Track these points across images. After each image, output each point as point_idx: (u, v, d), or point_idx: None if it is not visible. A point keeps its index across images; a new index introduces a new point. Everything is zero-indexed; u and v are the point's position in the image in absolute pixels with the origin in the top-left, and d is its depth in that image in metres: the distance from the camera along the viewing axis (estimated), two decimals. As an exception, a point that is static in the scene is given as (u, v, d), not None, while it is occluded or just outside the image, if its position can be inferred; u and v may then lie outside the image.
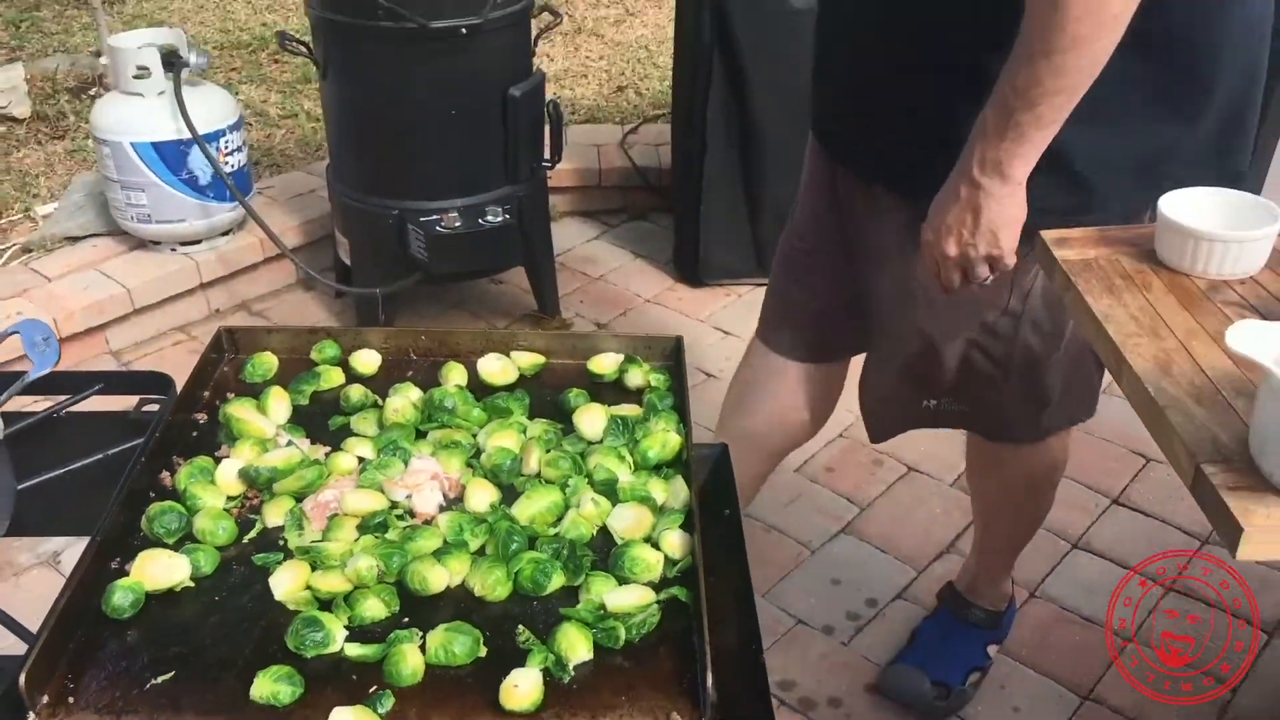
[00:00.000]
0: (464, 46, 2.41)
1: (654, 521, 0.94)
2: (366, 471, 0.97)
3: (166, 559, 0.88)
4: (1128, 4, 1.04)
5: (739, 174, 2.93)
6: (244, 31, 4.25)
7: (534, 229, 2.70)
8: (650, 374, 1.12)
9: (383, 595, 0.86)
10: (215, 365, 1.13)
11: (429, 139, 2.49)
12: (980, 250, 1.22)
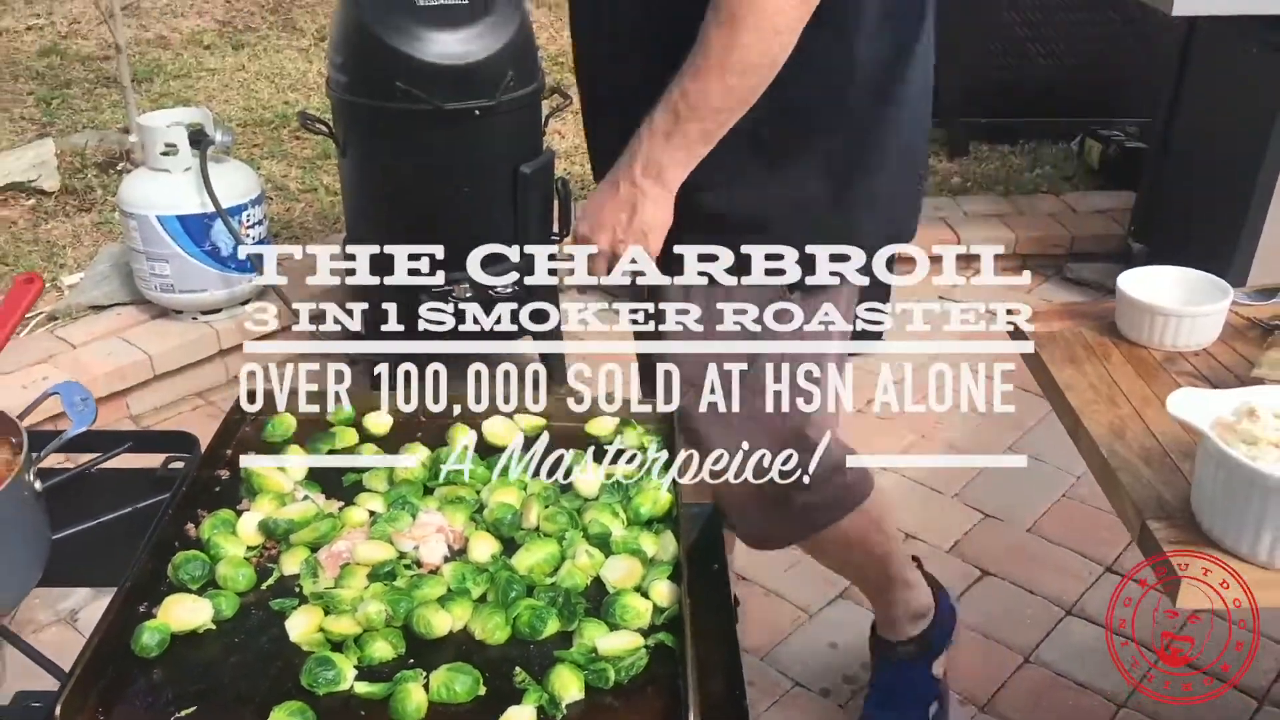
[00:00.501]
0: (477, 127, 2.53)
1: (644, 573, 1.01)
2: (377, 524, 1.05)
3: (191, 603, 0.95)
4: (788, 38, 1.12)
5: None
6: (266, 110, 4.41)
7: (544, 303, 2.78)
8: (644, 436, 1.19)
9: (390, 638, 0.93)
10: (238, 425, 1.21)
11: (442, 213, 2.59)
12: (628, 248, 1.28)
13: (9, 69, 4.76)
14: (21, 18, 5.34)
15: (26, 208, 3.62)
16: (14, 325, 1.13)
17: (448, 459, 1.12)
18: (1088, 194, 3.87)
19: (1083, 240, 3.58)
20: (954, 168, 4.10)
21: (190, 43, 5.14)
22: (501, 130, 2.57)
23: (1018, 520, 2.55)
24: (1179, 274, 1.15)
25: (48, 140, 3.92)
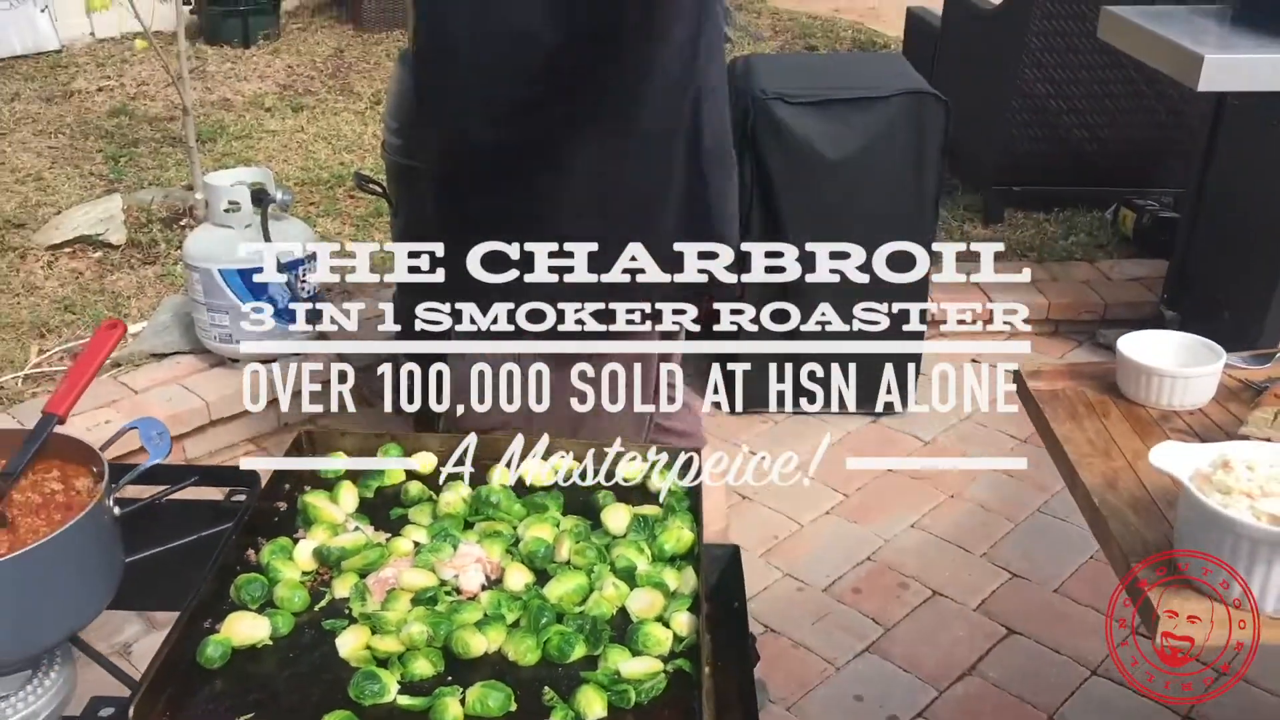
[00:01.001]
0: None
1: (665, 604, 1.09)
2: (421, 554, 1.14)
3: (251, 620, 1.05)
4: None
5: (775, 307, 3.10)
6: (324, 170, 4.59)
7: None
8: (669, 477, 1.28)
9: (431, 657, 1.02)
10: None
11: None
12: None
13: (80, 128, 4.99)
14: (93, 80, 5.60)
15: (94, 260, 3.79)
16: (97, 367, 1.25)
17: (487, 496, 1.21)
18: (1121, 262, 3.92)
19: (1115, 307, 3.63)
20: (988, 234, 4.17)
21: (252, 105, 5.36)
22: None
23: (1045, 580, 2.59)
24: (1177, 338, 1.22)
25: (116, 196, 4.11)
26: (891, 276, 1.98)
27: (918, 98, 2.92)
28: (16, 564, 1.02)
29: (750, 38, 6.72)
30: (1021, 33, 4.00)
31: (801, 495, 2.89)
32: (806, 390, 3.22)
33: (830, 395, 3.22)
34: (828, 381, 3.21)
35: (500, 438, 1.31)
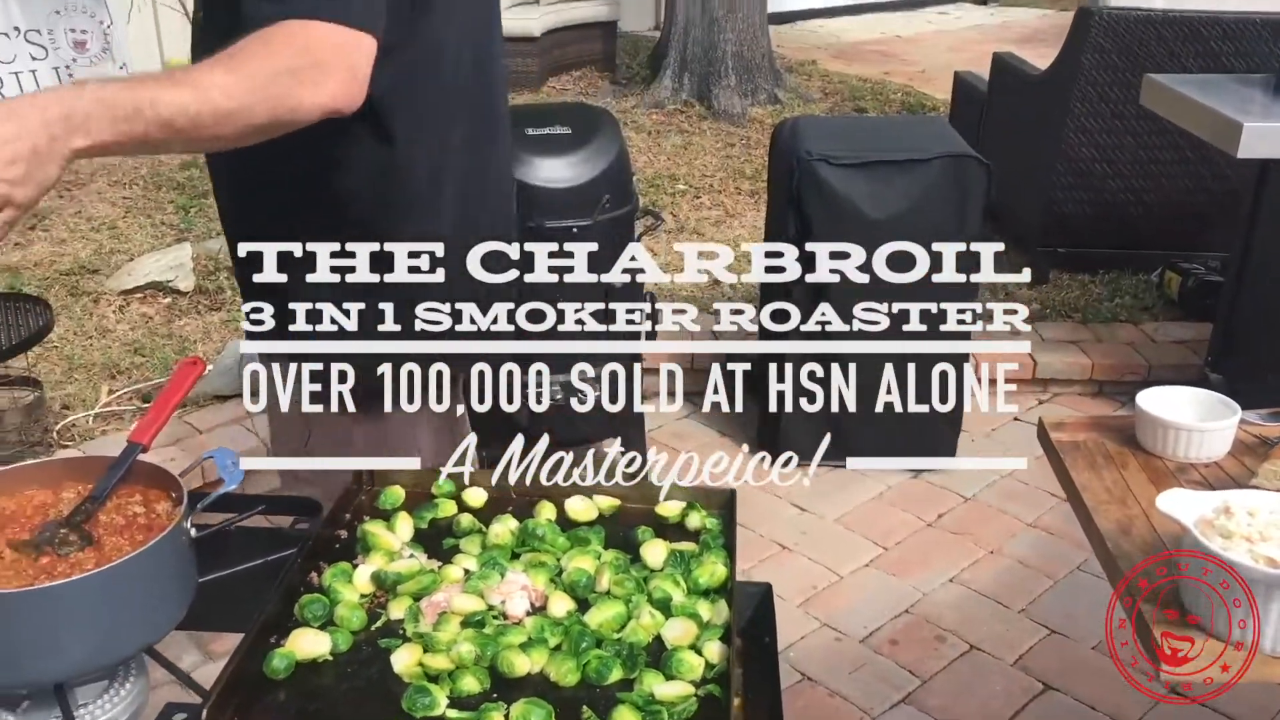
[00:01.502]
0: (574, 242, 2.75)
1: (699, 634, 1.16)
2: (470, 581, 1.21)
3: (313, 636, 1.13)
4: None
5: (817, 364, 3.17)
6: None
7: (627, 404, 2.97)
8: (706, 518, 1.35)
9: (478, 675, 1.09)
10: (355, 494, 1.40)
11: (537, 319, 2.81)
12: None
13: (154, 180, 5.21)
14: (167, 134, 5.84)
15: (163, 305, 3.96)
16: (179, 400, 1.34)
17: (533, 529, 1.29)
18: (1166, 324, 3.94)
19: (1160, 370, 3.65)
20: (1033, 294, 4.21)
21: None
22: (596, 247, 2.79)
23: (1083, 637, 2.60)
24: (1195, 394, 1.28)
25: (185, 245, 4.29)
26: (938, 347, 2.07)
27: (960, 160, 2.99)
28: (103, 578, 1.11)
29: (800, 100, 6.85)
30: (1066, 98, 4.07)
31: (841, 547, 2.94)
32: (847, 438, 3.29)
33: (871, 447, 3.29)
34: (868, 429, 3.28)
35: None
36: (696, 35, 6.58)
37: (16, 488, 1.26)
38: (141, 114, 1.12)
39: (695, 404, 3.65)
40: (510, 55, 6.86)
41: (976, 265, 3.19)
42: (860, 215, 2.97)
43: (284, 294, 1.47)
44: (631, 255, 1.48)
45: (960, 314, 1.77)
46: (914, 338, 2.39)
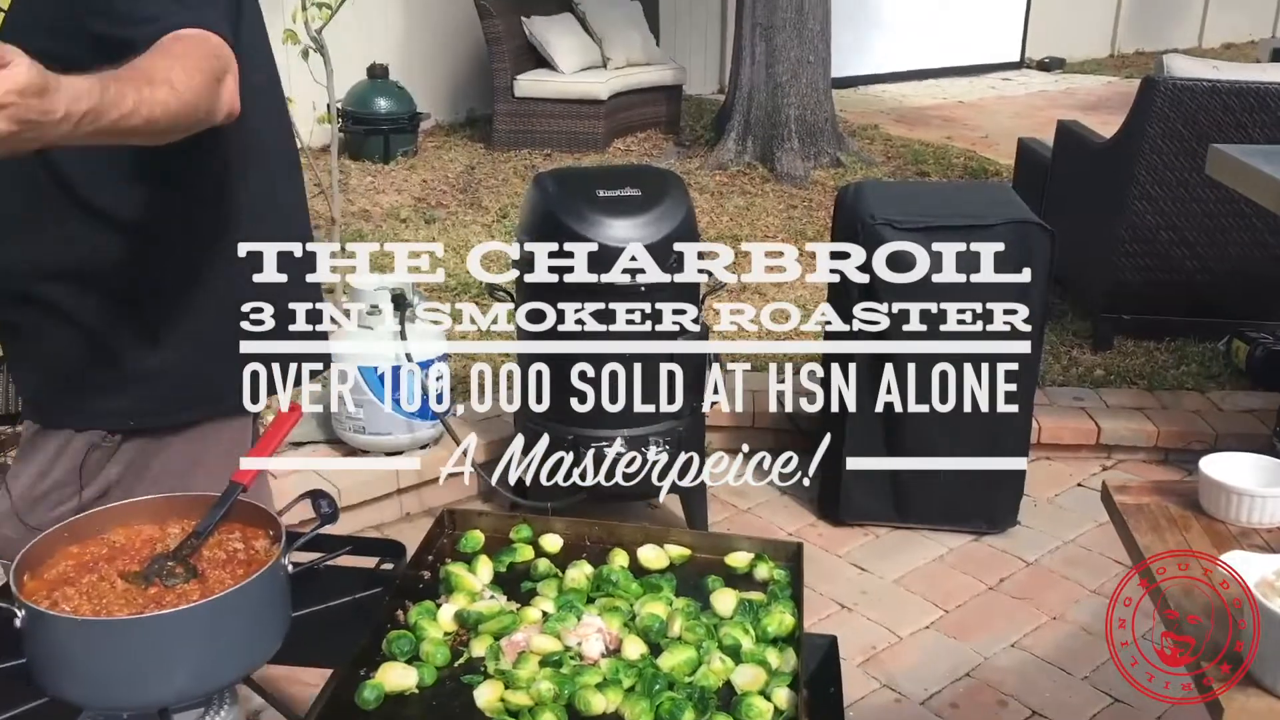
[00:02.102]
0: (641, 301, 2.82)
1: (767, 680, 1.20)
2: (549, 623, 1.27)
3: (401, 669, 1.19)
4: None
5: (880, 425, 3.20)
6: (451, 278, 4.88)
7: (690, 461, 3.02)
8: (774, 570, 1.39)
9: (556, 712, 1.14)
10: (438, 537, 1.46)
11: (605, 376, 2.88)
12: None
13: (234, 233, 5.40)
14: (248, 189, 6.07)
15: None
16: (278, 443, 1.43)
17: (608, 575, 1.34)
18: (1233, 393, 3.91)
19: (1226, 438, 3.61)
20: (1097, 360, 4.21)
21: (389, 216, 5.73)
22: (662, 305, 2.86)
23: (1147, 706, 2.57)
24: (1256, 460, 1.30)
25: (264, 296, 4.44)
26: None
27: (1023, 227, 3.03)
28: (207, 609, 1.18)
29: (862, 163, 6.93)
30: (1130, 166, 4.09)
31: (901, 608, 2.94)
32: (909, 502, 3.30)
33: (932, 508, 3.29)
34: (929, 493, 3.29)
35: (620, 524, 1.45)
36: (760, 99, 6.70)
37: (127, 523, 1.35)
38: (139, 111, 1.19)
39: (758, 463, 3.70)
40: (577, 117, 7.05)
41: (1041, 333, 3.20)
42: (926, 277, 3.01)
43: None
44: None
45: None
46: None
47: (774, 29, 6.58)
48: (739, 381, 3.83)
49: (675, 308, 2.91)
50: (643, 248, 2.80)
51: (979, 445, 3.15)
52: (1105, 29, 12.71)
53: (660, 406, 2.92)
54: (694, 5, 9.35)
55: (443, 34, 7.61)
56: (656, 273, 2.79)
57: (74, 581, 1.25)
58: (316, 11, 3.92)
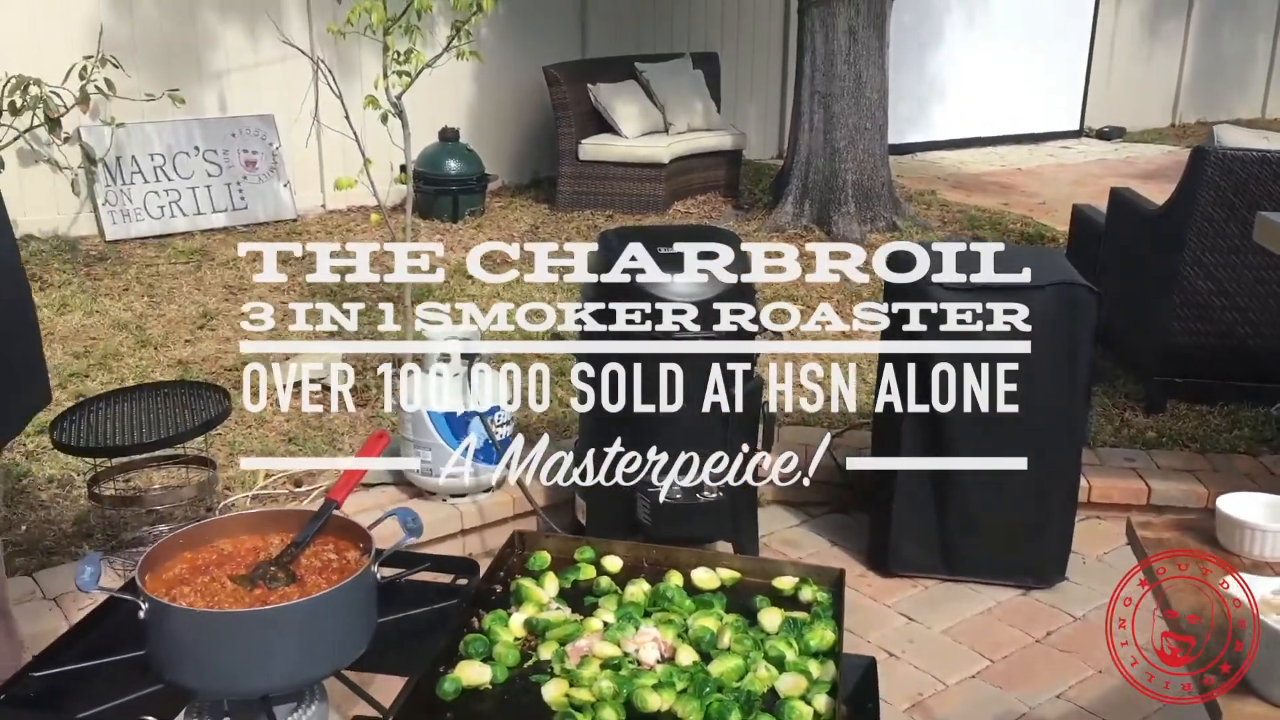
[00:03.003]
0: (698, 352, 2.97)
1: (808, 687, 1.31)
2: (609, 631, 1.40)
3: (476, 667, 1.32)
4: None
5: (929, 480, 3.29)
6: (517, 331, 5.07)
7: (742, 507, 3.13)
8: (818, 593, 1.51)
9: (615, 708, 1.27)
10: (509, 556, 1.60)
11: (665, 423, 3.01)
12: None
13: (310, 287, 5.65)
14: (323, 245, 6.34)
15: (316, 400, 4.29)
16: (363, 472, 1.58)
17: (664, 591, 1.47)
18: (1285, 457, 3.94)
19: (1278, 501, 3.64)
20: (1149, 423, 4.25)
21: (456, 272, 5.95)
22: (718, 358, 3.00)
23: (1190, 760, 2.61)
24: (1272, 499, 1.39)
25: (338, 347, 4.65)
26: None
27: (1070, 288, 3.13)
28: (305, 607, 1.33)
29: (918, 227, 7.05)
30: (1182, 233, 4.17)
31: (948, 657, 3.00)
32: (957, 556, 3.36)
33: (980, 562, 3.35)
34: (977, 547, 3.35)
35: (676, 549, 1.58)
36: (818, 164, 6.87)
37: (234, 534, 1.50)
38: None
39: (810, 514, 3.80)
40: (639, 180, 7.28)
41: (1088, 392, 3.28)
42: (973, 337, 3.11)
43: None
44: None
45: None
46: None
47: (832, 97, 6.76)
48: (794, 435, 3.95)
49: (730, 358, 3.05)
50: (698, 302, 2.96)
51: (1026, 501, 3.23)
52: (1167, 99, 12.77)
53: (714, 453, 3.05)
54: (755, 74, 9.60)
55: (512, 100, 7.91)
56: (710, 324, 2.95)
57: (189, 581, 1.40)
58: (396, 79, 4.17)
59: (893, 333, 3.29)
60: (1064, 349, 3.13)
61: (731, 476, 3.07)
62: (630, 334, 2.95)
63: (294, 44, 4.95)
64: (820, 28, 6.69)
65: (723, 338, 2.96)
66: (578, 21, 8.30)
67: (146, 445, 2.88)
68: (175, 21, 6.57)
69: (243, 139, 6.78)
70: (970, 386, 3.15)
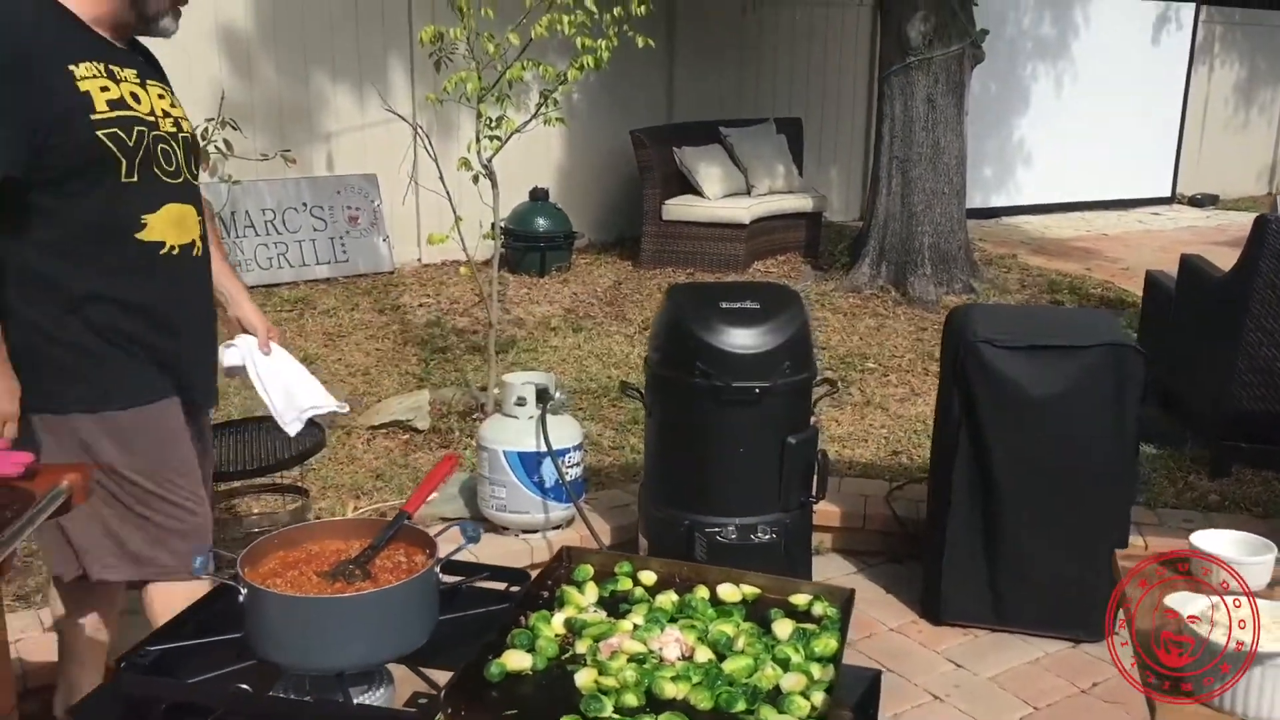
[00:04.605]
0: (756, 402, 3.15)
1: (808, 685, 1.48)
2: (637, 632, 1.59)
3: (520, 655, 1.53)
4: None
5: (979, 531, 3.40)
6: (593, 381, 5.31)
7: (795, 549, 3.29)
8: (828, 608, 1.68)
9: (637, 694, 1.46)
10: (557, 567, 1.81)
11: (721, 468, 3.20)
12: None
13: (402, 335, 5.99)
14: (416, 296, 6.71)
15: (402, 440, 4.58)
16: (437, 482, 1.81)
17: (689, 601, 1.66)
18: (1350, 524, 3.94)
19: (1339, 566, 3.65)
20: (1213, 486, 4.29)
21: (541, 325, 6.25)
22: (775, 406, 3.18)
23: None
24: (1243, 535, 1.53)
25: (424, 391, 4.95)
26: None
27: (1118, 349, 3.24)
28: (376, 597, 1.55)
29: (996, 290, 7.14)
30: (1246, 300, 4.23)
31: (992, 702, 3.10)
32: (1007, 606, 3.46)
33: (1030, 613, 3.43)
34: (1027, 598, 3.44)
35: (706, 566, 1.77)
36: (895, 227, 7.03)
37: (321, 538, 1.74)
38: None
39: (867, 562, 3.93)
40: (720, 239, 7.52)
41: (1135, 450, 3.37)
42: (1021, 395, 3.25)
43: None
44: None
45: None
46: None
47: (910, 162, 6.94)
48: (853, 486, 4.09)
49: (787, 408, 3.23)
50: (757, 354, 3.16)
51: (1075, 554, 3.32)
52: (1262, 168, 12.63)
53: (769, 497, 3.22)
54: (839, 138, 9.83)
55: (600, 162, 8.26)
56: (769, 377, 3.13)
57: (281, 575, 1.64)
58: (488, 143, 4.49)
59: (948, 387, 3.43)
60: (1111, 406, 3.24)
61: (785, 519, 3.23)
62: (692, 384, 3.15)
63: (396, 111, 5.33)
64: (899, 95, 6.90)
65: (779, 389, 3.14)
66: (665, 89, 8.65)
67: (248, 472, 3.16)
68: (290, 87, 7.06)
69: (347, 196, 7.21)
70: (1020, 439, 3.27)
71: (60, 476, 1.72)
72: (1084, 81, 10.87)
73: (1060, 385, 3.25)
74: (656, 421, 3.37)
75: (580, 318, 6.47)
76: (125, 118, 1.95)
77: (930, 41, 6.75)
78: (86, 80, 1.90)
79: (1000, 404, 3.27)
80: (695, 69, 8.75)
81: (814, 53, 9.52)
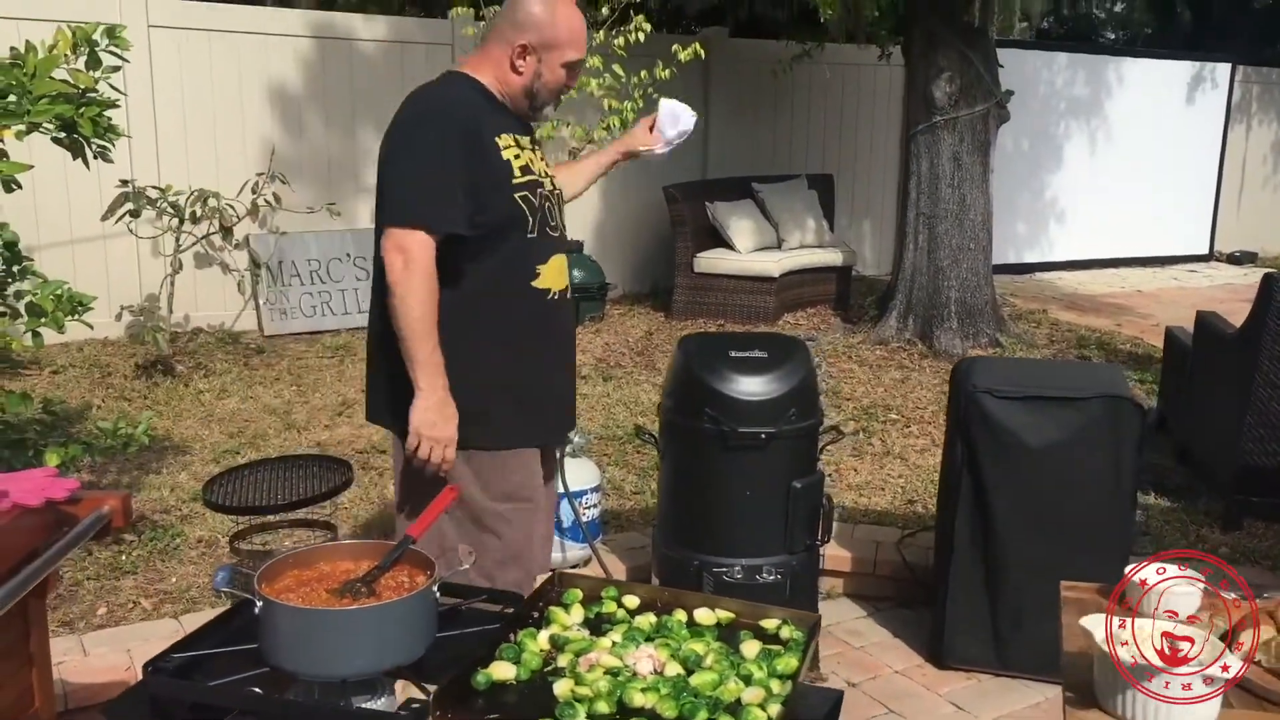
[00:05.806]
0: (763, 447, 3.29)
1: (766, 698, 1.62)
2: (614, 648, 1.73)
3: (505, 666, 1.68)
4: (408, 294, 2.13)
5: (982, 576, 3.49)
6: (620, 428, 5.47)
7: (801, 591, 3.40)
8: (794, 632, 1.81)
9: (609, 702, 1.60)
10: (548, 590, 1.96)
11: (729, 510, 3.33)
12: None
13: (438, 381, 6.19)
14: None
15: (432, 481, 4.76)
16: (439, 511, 1.97)
17: (666, 623, 1.80)
18: (1362, 576, 3.98)
19: (1346, 619, 3.70)
20: (1224, 539, 4.35)
21: (572, 373, 6.42)
22: (782, 452, 3.31)
23: None
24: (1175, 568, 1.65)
25: (456, 435, 5.13)
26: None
27: (1114, 401, 3.34)
28: (378, 610, 1.71)
29: (1022, 344, 7.22)
30: (1255, 355, 4.31)
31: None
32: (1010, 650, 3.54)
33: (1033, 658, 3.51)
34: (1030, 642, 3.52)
35: (686, 592, 1.91)
36: (922, 281, 7.15)
37: (333, 559, 1.91)
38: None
39: (877, 607, 4.03)
40: (751, 292, 7.69)
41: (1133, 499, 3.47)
42: (1020, 444, 3.36)
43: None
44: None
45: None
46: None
47: (936, 218, 7.08)
48: (866, 533, 4.20)
49: (793, 453, 3.36)
50: (764, 401, 3.30)
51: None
52: (1303, 224, 12.59)
53: (775, 539, 3.34)
54: (871, 194, 10.00)
55: (633, 215, 8.48)
56: (775, 423, 3.27)
57: (294, 590, 1.80)
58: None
59: (952, 437, 3.54)
60: (1109, 456, 3.34)
61: (791, 561, 3.35)
62: (702, 429, 3.29)
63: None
64: (925, 153, 7.06)
65: (785, 434, 3.27)
66: (700, 146, 8.88)
67: (280, 506, 3.34)
68: (338, 142, 7.37)
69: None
70: (1020, 488, 3.37)
71: (102, 502, 1.91)
72: (1118, 139, 10.96)
73: (1059, 435, 3.35)
74: (669, 465, 3.51)
75: (611, 366, 6.64)
76: (531, 181, 2.33)
77: (956, 101, 6.92)
78: (507, 150, 2.29)
79: (1000, 453, 3.38)
80: (729, 126, 8.98)
81: (846, 110, 9.74)
